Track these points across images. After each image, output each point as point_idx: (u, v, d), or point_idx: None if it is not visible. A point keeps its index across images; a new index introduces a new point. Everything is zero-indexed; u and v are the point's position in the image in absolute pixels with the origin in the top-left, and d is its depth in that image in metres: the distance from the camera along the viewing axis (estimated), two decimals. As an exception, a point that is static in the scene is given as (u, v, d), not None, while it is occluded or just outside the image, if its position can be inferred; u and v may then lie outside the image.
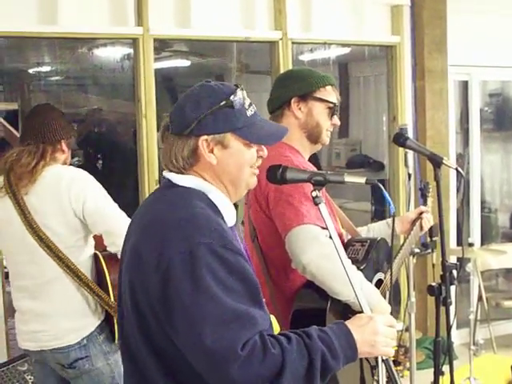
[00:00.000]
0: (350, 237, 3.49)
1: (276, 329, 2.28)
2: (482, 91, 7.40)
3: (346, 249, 3.25)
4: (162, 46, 6.56)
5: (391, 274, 3.10)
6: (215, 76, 8.76)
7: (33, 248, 3.48)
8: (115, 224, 3.44)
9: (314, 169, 3.18)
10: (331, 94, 3.25)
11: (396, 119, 6.36)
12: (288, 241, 2.90)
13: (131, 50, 5.51)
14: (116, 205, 3.56)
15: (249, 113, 2.20)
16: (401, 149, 4.07)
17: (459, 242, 6.65)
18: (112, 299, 3.54)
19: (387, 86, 6.54)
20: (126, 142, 7.27)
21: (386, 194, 2.38)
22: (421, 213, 3.60)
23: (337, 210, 3.49)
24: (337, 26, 6.03)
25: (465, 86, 7.06)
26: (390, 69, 6.45)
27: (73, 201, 3.42)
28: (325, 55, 6.71)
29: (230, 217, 2.19)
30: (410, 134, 3.45)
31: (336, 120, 3.29)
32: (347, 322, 2.16)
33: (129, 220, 3.50)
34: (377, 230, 3.65)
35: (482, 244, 7.08)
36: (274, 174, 2.42)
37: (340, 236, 3.23)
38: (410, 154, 3.60)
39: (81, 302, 3.54)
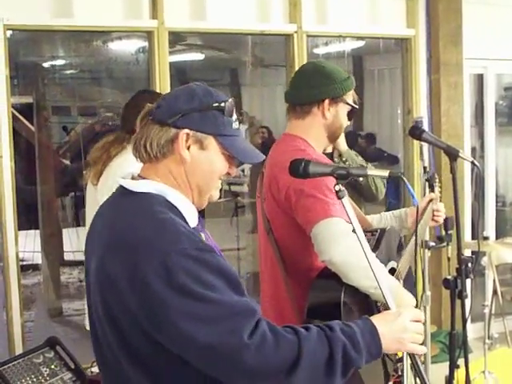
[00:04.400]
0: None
1: None
2: (498, 85, 7.37)
3: None
4: (176, 39, 6.56)
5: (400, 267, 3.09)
6: (229, 70, 8.77)
7: None
8: None
9: (329, 162, 3.21)
10: (352, 97, 3.29)
11: (411, 112, 6.34)
12: (314, 234, 2.91)
13: (146, 43, 5.52)
14: None
15: (234, 126, 2.16)
16: (416, 142, 4.08)
17: (474, 236, 6.64)
18: None
19: (402, 80, 6.52)
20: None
21: (410, 187, 2.38)
22: (430, 200, 3.58)
23: (349, 201, 3.51)
24: (352, 18, 6.02)
25: (480, 80, 7.03)
26: (405, 62, 6.42)
27: None
28: (339, 48, 6.70)
29: (191, 218, 2.13)
30: (425, 127, 3.43)
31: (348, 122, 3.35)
32: (373, 318, 2.13)
33: None
34: (389, 218, 3.66)
35: (497, 238, 7.06)
36: (297, 167, 2.41)
37: None
38: (425, 147, 3.59)
39: None
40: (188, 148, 2.09)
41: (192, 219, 2.13)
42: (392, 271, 3.26)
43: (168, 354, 1.97)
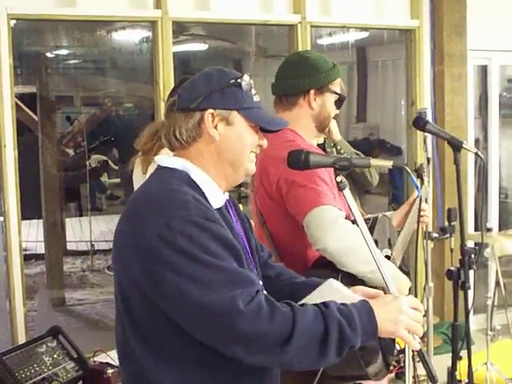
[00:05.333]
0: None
1: None
2: (502, 76, 7.35)
3: None
4: (180, 29, 6.55)
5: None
6: (233, 60, 8.75)
7: None
8: None
9: (322, 152, 3.20)
10: (339, 86, 3.28)
11: (414, 104, 6.33)
12: (307, 222, 2.90)
13: (150, 33, 5.51)
14: None
15: (255, 98, 2.22)
16: (419, 133, 4.07)
17: (477, 227, 6.63)
18: None
19: (406, 71, 6.50)
20: (144, 125, 7.29)
21: (414, 178, 2.37)
22: (413, 201, 3.55)
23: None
24: (356, 9, 6.00)
25: (484, 71, 7.01)
26: (409, 53, 6.40)
27: None
28: (343, 39, 6.70)
29: (214, 197, 2.17)
30: (429, 118, 3.42)
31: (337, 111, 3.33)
32: (371, 300, 2.13)
33: None
34: None
35: (500, 229, 7.05)
36: (297, 158, 2.39)
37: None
38: (429, 138, 3.59)
39: None
40: (215, 127, 2.15)
41: (215, 200, 2.17)
42: (387, 258, 3.26)
43: (169, 323, 2.01)
